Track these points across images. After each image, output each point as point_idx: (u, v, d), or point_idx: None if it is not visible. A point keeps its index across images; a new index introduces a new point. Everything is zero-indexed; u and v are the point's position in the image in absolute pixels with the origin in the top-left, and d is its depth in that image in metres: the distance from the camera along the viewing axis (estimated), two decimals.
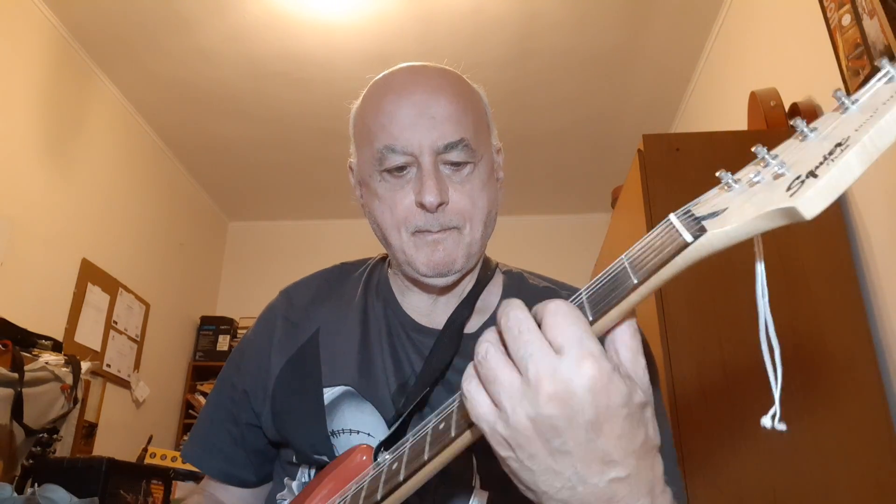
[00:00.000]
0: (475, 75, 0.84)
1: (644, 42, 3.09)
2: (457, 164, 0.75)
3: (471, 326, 0.81)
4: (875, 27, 1.64)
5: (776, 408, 0.41)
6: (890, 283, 1.58)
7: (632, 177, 1.83)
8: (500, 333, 0.45)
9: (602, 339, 0.45)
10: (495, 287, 0.86)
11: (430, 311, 0.83)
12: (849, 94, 0.38)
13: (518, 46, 3.10)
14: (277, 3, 2.82)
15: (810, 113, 1.93)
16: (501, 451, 0.45)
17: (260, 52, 3.12)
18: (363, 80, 0.84)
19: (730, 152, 1.68)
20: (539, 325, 0.44)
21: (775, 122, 1.96)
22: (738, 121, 2.50)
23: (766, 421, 0.41)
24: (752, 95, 2.11)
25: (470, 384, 0.46)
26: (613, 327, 0.46)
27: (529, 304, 0.50)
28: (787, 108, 2.01)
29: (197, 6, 2.85)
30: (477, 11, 2.88)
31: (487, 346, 0.45)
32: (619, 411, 0.42)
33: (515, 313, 0.44)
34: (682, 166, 1.71)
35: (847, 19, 1.77)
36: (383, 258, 0.93)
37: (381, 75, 0.82)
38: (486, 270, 0.85)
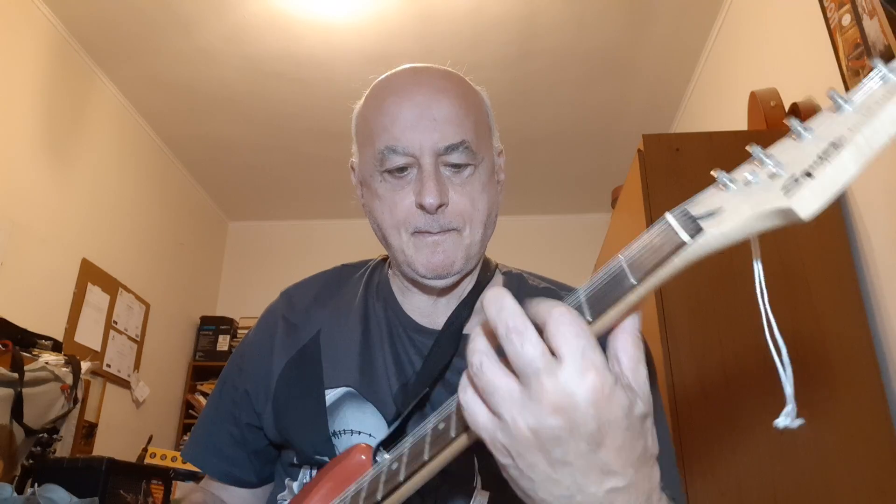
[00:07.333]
0: (475, 76, 0.84)
1: (644, 42, 3.08)
2: (457, 166, 0.75)
3: (470, 327, 0.81)
4: (875, 27, 1.64)
5: (791, 406, 0.40)
6: (890, 283, 1.58)
7: (632, 177, 1.83)
8: (495, 335, 0.44)
9: (603, 344, 0.44)
10: (495, 287, 0.85)
11: (430, 312, 0.83)
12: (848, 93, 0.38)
13: (518, 47, 3.10)
14: (277, 3, 2.82)
15: (810, 113, 1.93)
16: (502, 458, 0.45)
17: (260, 52, 3.12)
18: (363, 81, 0.84)
19: (730, 152, 1.67)
20: (539, 330, 0.43)
21: (775, 122, 1.96)
22: (738, 121, 2.50)
23: (781, 422, 0.40)
24: (752, 95, 2.10)
25: (466, 394, 0.45)
26: (614, 330, 0.45)
27: None
28: (787, 108, 2.01)
29: (197, 6, 2.85)
30: (477, 11, 2.88)
31: (482, 357, 0.44)
32: (621, 423, 0.42)
33: (514, 318, 0.43)
34: (682, 166, 1.71)
35: (847, 19, 1.77)
36: (384, 259, 0.93)
37: (383, 76, 0.81)
38: (486, 271, 0.85)
